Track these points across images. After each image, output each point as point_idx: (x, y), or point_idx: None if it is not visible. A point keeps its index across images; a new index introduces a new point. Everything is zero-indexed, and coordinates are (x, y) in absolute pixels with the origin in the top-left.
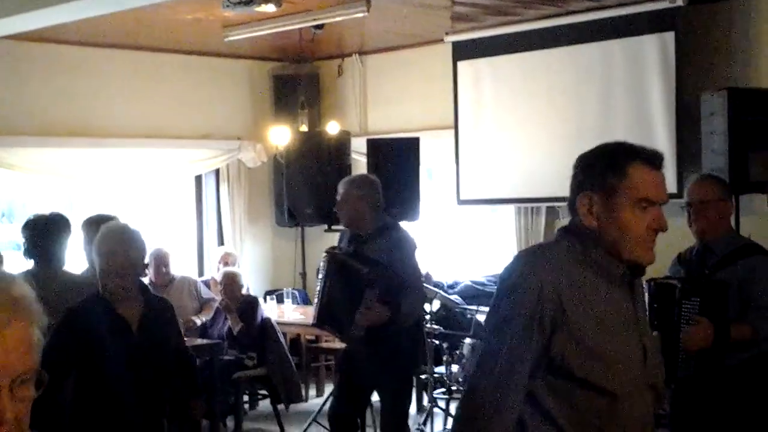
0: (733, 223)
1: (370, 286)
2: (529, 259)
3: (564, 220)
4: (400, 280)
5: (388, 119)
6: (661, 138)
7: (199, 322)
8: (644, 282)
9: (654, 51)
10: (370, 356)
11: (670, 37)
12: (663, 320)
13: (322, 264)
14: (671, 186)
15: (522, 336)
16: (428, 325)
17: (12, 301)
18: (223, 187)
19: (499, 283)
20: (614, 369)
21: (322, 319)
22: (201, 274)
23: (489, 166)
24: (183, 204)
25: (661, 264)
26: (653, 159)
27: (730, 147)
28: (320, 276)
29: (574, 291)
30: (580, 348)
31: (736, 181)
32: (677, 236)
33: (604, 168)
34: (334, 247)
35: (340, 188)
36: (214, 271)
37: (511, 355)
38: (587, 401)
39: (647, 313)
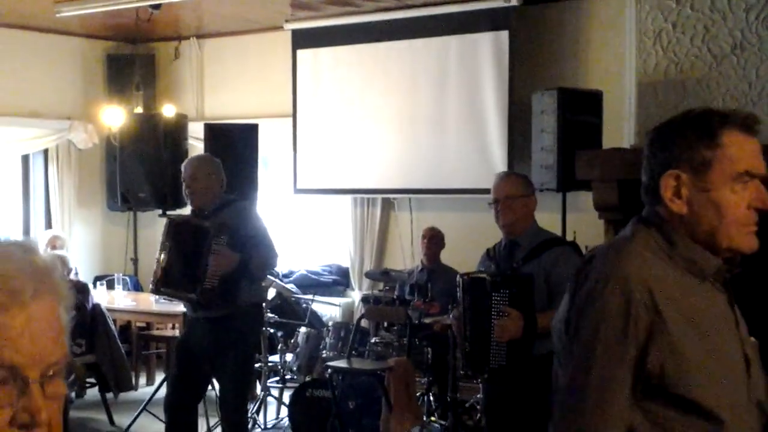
0: (558, 219)
1: (216, 236)
2: (606, 255)
3: (399, 213)
4: (246, 232)
5: (226, 105)
6: (493, 134)
7: None
8: (458, 277)
9: (488, 49)
10: (212, 341)
11: (504, 35)
12: (475, 313)
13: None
14: None
15: (614, 353)
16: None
17: (38, 272)
18: (52, 168)
19: (572, 294)
20: (718, 386)
21: (159, 284)
22: None
23: (326, 156)
24: (8, 184)
25: (471, 260)
26: (748, 122)
27: (559, 145)
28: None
29: (667, 289)
30: (682, 361)
31: (564, 179)
32: (483, 232)
33: (692, 139)
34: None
35: (190, 168)
36: None
37: (604, 379)
38: (690, 428)
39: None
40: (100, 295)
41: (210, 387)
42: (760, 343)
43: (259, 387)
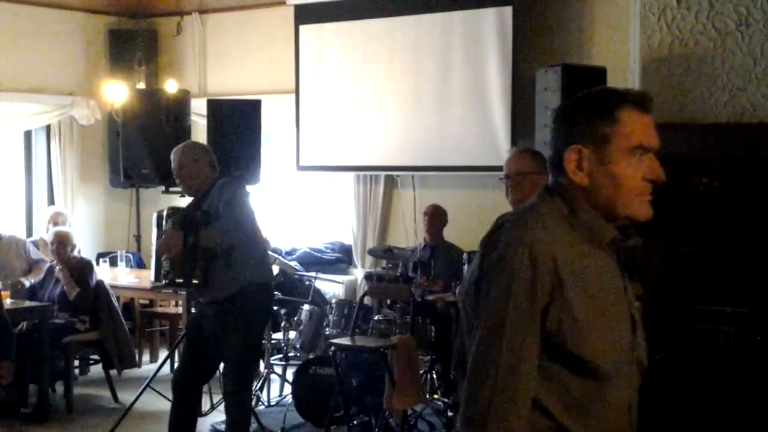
0: None
1: (168, 219)
2: (513, 222)
3: (402, 190)
4: (204, 213)
5: (228, 81)
6: (496, 110)
7: (27, 283)
8: (464, 254)
9: (492, 25)
10: (217, 322)
11: (508, 11)
12: None
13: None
14: (505, 159)
15: (525, 316)
16: None
17: None
18: (54, 145)
19: (481, 259)
20: (606, 344)
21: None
22: (30, 234)
23: (329, 133)
24: (11, 160)
25: (474, 237)
26: (643, 101)
27: None
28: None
29: (567, 254)
30: (575, 322)
31: None
32: (487, 209)
33: (591, 116)
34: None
35: (175, 158)
36: (43, 232)
37: (519, 335)
38: (577, 382)
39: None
40: (103, 272)
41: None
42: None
43: (262, 365)
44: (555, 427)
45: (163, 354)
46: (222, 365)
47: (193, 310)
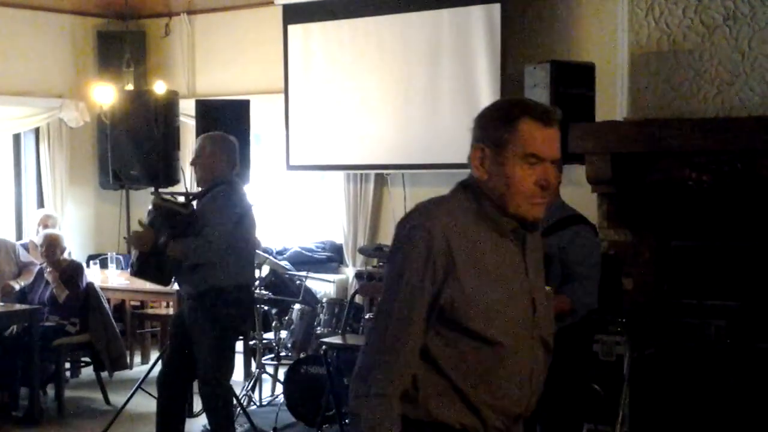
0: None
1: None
2: (421, 209)
3: (392, 188)
4: (185, 217)
5: (217, 81)
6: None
7: (17, 287)
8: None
9: (481, 21)
10: (190, 316)
11: (496, 8)
12: None
13: None
14: None
15: (415, 286)
16: (257, 291)
17: None
18: (43, 147)
19: (393, 238)
20: (499, 319)
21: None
22: (19, 237)
23: (319, 132)
24: (0, 163)
25: None
26: (543, 115)
27: None
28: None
29: (463, 240)
30: (466, 297)
31: None
32: None
33: (496, 121)
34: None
35: (197, 144)
36: (33, 234)
37: (406, 306)
38: (474, 351)
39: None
40: (93, 274)
41: None
42: None
43: (254, 364)
44: (450, 386)
45: (154, 355)
46: None
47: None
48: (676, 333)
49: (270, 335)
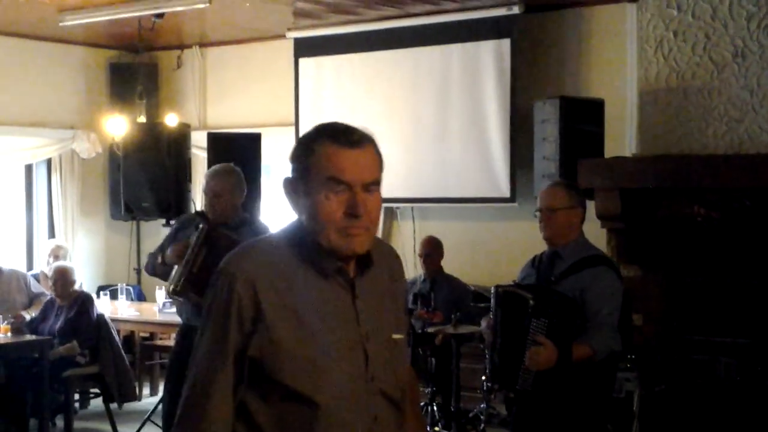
0: None
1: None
2: (233, 253)
3: (402, 222)
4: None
5: (228, 114)
6: (495, 142)
7: (28, 317)
8: (493, 287)
9: (490, 57)
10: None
11: (506, 44)
12: (508, 330)
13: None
14: (504, 190)
15: (219, 336)
16: None
17: None
18: (55, 178)
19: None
20: (317, 374)
21: (186, 285)
22: (30, 267)
23: None
24: (12, 194)
25: (473, 268)
26: (340, 136)
27: (561, 153)
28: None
29: (274, 286)
30: (276, 348)
31: None
32: (486, 241)
33: (299, 150)
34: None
35: (213, 184)
36: (43, 265)
37: (210, 357)
38: (293, 409)
39: (409, 312)
40: (103, 305)
41: None
42: None
43: None
44: None
45: (163, 387)
46: None
47: None
48: (686, 370)
49: None
